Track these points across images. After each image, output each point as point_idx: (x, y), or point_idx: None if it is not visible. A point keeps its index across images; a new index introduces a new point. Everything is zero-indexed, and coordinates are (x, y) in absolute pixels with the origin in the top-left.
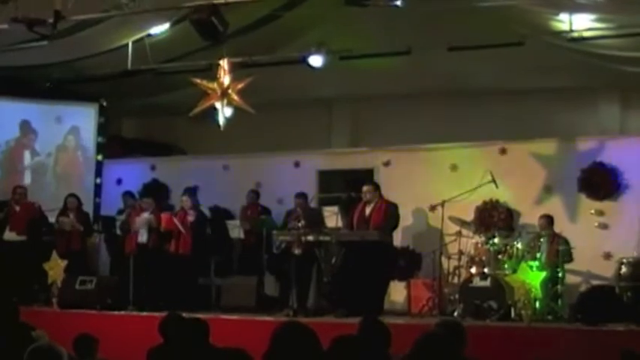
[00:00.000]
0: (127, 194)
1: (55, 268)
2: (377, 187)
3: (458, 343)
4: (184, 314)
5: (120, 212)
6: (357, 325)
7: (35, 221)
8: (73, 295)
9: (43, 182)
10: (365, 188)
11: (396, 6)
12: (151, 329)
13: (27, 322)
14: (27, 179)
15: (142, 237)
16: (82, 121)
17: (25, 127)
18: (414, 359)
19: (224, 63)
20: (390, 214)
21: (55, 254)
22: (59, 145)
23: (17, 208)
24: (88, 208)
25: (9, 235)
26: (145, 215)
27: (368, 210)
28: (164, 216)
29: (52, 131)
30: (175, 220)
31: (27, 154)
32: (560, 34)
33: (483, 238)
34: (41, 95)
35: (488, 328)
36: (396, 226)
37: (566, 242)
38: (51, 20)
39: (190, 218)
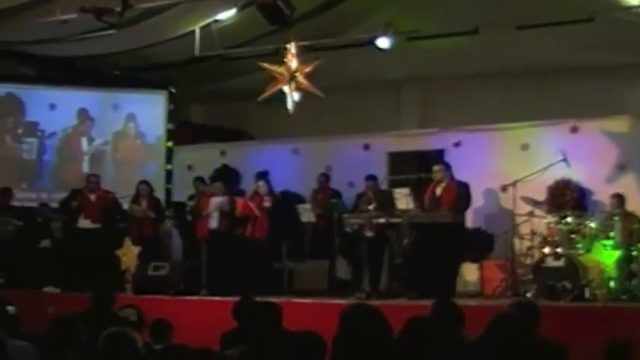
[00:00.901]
0: (198, 180)
1: (129, 254)
2: (448, 167)
3: (532, 324)
4: (257, 298)
5: (191, 198)
6: (430, 307)
7: (109, 209)
8: (146, 281)
9: (101, 169)
10: (436, 168)
11: None
12: (223, 314)
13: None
14: (85, 166)
15: (213, 222)
16: (143, 108)
17: (82, 114)
18: (488, 340)
19: (291, 47)
20: (461, 193)
21: (128, 241)
22: (117, 132)
23: (92, 197)
24: (159, 194)
25: (83, 223)
26: (218, 199)
27: (439, 190)
28: (240, 201)
29: (109, 118)
30: (252, 205)
31: (84, 141)
32: (630, 9)
33: (556, 218)
34: (106, 84)
35: (562, 309)
36: (468, 206)
37: (638, 221)
38: (119, 9)
39: (267, 204)
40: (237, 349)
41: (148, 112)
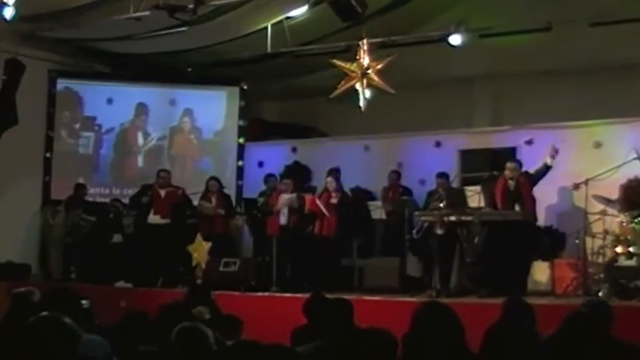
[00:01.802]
0: (269, 176)
1: (199, 250)
2: (520, 166)
3: (605, 324)
4: (327, 295)
5: (261, 194)
6: (501, 306)
7: (179, 205)
8: (217, 277)
9: (157, 164)
10: (509, 165)
11: None
12: (294, 310)
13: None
14: (140, 161)
15: (283, 218)
16: (201, 103)
17: (139, 109)
18: (562, 339)
19: (363, 44)
20: (532, 179)
21: (199, 237)
22: (173, 127)
23: (162, 193)
24: (231, 190)
25: (153, 219)
26: (287, 196)
27: (512, 185)
28: (309, 198)
29: (166, 114)
30: (318, 202)
31: (140, 136)
32: None
33: (629, 217)
34: (164, 79)
35: (635, 309)
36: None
37: None
38: (191, 6)
39: (334, 200)
40: (309, 346)
41: (206, 107)
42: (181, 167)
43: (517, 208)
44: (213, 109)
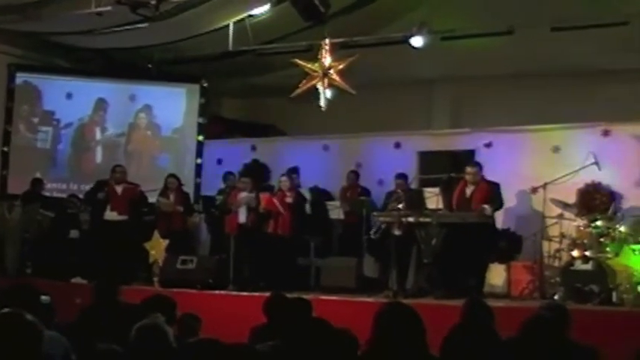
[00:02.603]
0: (228, 174)
1: (157, 247)
2: (481, 169)
3: (563, 326)
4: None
5: (220, 192)
6: (462, 307)
7: (136, 202)
8: (174, 274)
9: (114, 160)
10: (469, 169)
11: None
12: (251, 309)
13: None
14: (98, 156)
15: (242, 217)
16: (162, 100)
17: (99, 104)
18: (522, 341)
19: (325, 44)
20: (494, 194)
21: (156, 234)
22: (131, 123)
23: (119, 189)
24: (189, 188)
25: (110, 215)
26: (244, 194)
27: (469, 190)
28: (264, 196)
29: (126, 110)
30: (275, 201)
31: (98, 132)
32: None
33: (585, 221)
34: (124, 74)
35: (590, 312)
36: (501, 206)
37: None
38: (154, 2)
39: (288, 199)
40: (269, 344)
41: (166, 104)
42: (138, 163)
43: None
44: (173, 106)
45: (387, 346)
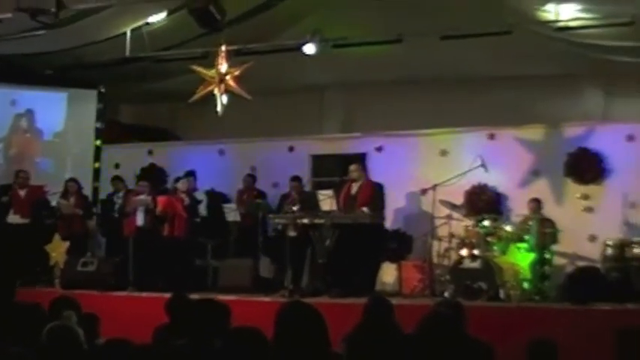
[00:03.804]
0: (117, 179)
1: (57, 249)
2: (363, 168)
3: (460, 322)
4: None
5: (109, 196)
6: (366, 303)
7: (39, 204)
8: (75, 276)
9: None
10: (352, 167)
11: None
12: (151, 308)
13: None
14: None
15: (139, 219)
16: (43, 105)
17: None
18: (423, 337)
19: (221, 51)
20: (376, 193)
21: (57, 236)
22: (11, 126)
23: (22, 193)
24: (87, 191)
25: (12, 218)
26: (142, 197)
27: (354, 189)
28: (161, 198)
29: (7, 114)
30: (174, 200)
31: None
32: (546, 23)
33: (473, 221)
34: (6, 79)
35: (479, 309)
36: (383, 206)
37: (552, 225)
38: (53, 9)
39: (185, 202)
40: (179, 343)
41: (48, 109)
42: (19, 167)
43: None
44: (54, 111)
45: (290, 344)
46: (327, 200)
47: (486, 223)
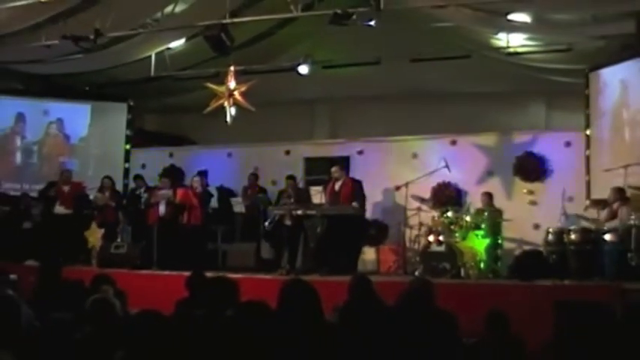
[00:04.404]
0: (138, 177)
1: (94, 235)
2: (342, 168)
3: (431, 296)
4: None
5: (132, 191)
6: (350, 281)
7: (79, 198)
8: (108, 257)
9: (30, 161)
10: (333, 169)
11: (370, 26)
12: (171, 285)
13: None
14: (18, 159)
15: (162, 210)
16: (70, 114)
17: (18, 118)
18: (401, 308)
19: (230, 70)
20: (356, 189)
21: (94, 225)
22: (44, 132)
23: (65, 188)
24: (119, 187)
25: (58, 209)
26: (164, 191)
27: (337, 186)
28: (180, 190)
29: (41, 122)
30: (191, 193)
31: (17, 139)
32: (499, 49)
33: (438, 212)
34: (38, 93)
35: (444, 285)
36: (364, 199)
37: (501, 215)
38: (92, 37)
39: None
40: (199, 313)
41: (74, 118)
42: (49, 165)
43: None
44: (79, 120)
45: (291, 314)
46: (317, 195)
47: (450, 214)
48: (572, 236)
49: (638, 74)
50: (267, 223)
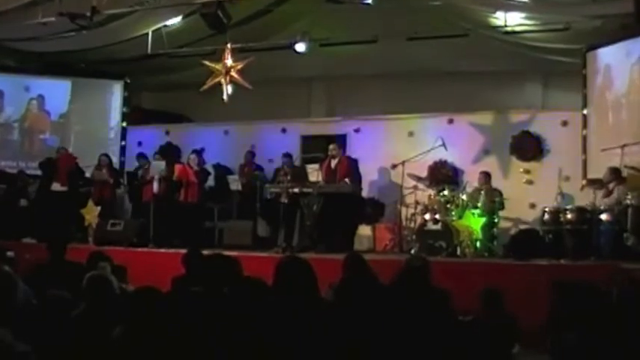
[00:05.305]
0: (140, 155)
1: (91, 213)
2: (340, 146)
3: (427, 273)
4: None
5: (136, 169)
6: (345, 260)
7: (73, 174)
8: (105, 235)
9: (10, 139)
10: (331, 147)
11: (367, 4)
12: (167, 262)
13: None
14: None
15: (155, 187)
16: (51, 91)
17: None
18: (399, 285)
19: (227, 48)
20: (352, 167)
21: (90, 202)
22: (25, 109)
23: (62, 165)
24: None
25: (55, 186)
26: (156, 163)
27: (333, 164)
28: (178, 166)
29: (21, 98)
30: (188, 169)
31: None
32: (496, 28)
33: (435, 191)
34: (18, 70)
35: (439, 263)
36: (360, 177)
37: (500, 194)
38: (88, 14)
39: (196, 171)
40: (195, 290)
41: (55, 94)
42: (30, 141)
43: (347, 180)
44: (59, 96)
45: (287, 291)
46: (314, 173)
47: (446, 192)
48: (569, 216)
49: (627, 56)
50: (264, 200)
